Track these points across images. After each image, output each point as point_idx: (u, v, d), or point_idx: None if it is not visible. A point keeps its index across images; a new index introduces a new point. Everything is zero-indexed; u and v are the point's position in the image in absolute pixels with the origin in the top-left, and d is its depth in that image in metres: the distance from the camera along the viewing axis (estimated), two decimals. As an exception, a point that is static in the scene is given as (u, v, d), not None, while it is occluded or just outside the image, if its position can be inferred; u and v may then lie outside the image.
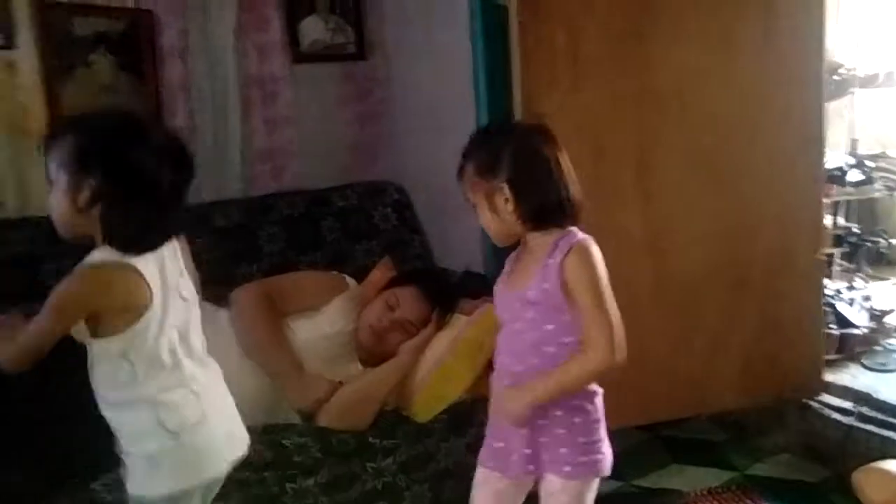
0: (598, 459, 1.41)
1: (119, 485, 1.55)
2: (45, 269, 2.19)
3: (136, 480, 1.27)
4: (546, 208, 1.34)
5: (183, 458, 1.27)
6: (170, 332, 1.26)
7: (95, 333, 1.21)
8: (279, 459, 1.74)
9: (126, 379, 1.23)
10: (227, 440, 1.36)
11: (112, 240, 1.19)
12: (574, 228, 1.38)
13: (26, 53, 2.29)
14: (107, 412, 1.27)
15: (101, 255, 1.20)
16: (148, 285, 1.21)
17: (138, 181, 1.18)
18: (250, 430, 1.76)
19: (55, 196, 1.20)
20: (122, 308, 1.20)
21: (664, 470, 2.26)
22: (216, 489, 1.40)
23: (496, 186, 1.33)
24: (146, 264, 1.22)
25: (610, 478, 2.19)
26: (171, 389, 1.26)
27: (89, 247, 1.24)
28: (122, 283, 1.20)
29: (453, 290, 2.21)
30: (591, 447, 1.40)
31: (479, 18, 2.44)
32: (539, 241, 1.36)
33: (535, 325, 1.35)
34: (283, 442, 1.76)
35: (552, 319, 1.34)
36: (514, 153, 1.34)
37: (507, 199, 1.33)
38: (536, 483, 1.45)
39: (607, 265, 2.02)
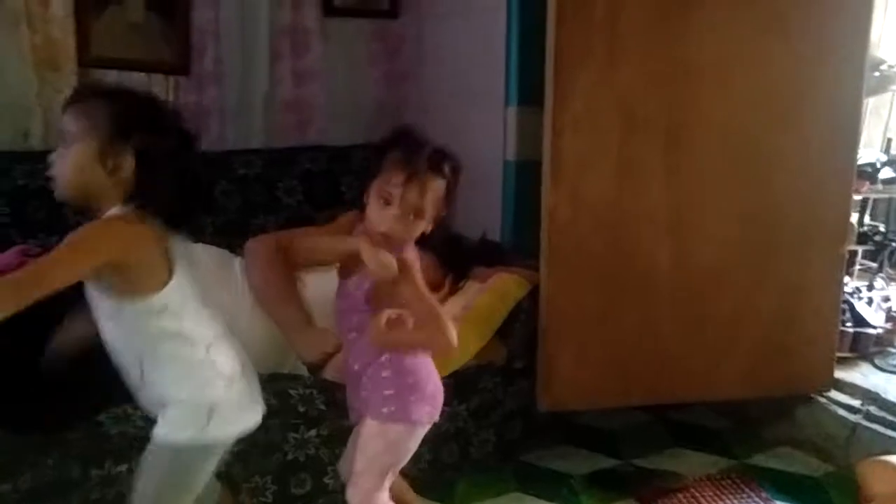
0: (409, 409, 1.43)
1: (125, 419, 1.59)
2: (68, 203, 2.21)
3: (173, 425, 1.25)
4: None
5: (232, 406, 1.29)
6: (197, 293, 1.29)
7: (135, 293, 1.20)
8: (284, 408, 1.75)
9: (176, 329, 1.24)
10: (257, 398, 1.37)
11: (146, 207, 1.19)
12: None
13: (59, -14, 2.28)
14: (157, 365, 1.26)
15: (121, 210, 1.20)
16: (165, 242, 1.23)
17: (172, 156, 1.21)
18: (259, 377, 1.79)
19: (75, 155, 1.18)
20: (147, 263, 1.20)
21: (664, 452, 2.26)
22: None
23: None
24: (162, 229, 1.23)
25: (608, 455, 2.23)
26: (218, 339, 1.30)
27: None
28: (143, 236, 1.19)
29: (468, 257, 2.20)
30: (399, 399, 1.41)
31: (516, -17, 2.39)
32: None
33: None
34: (289, 391, 1.77)
35: None
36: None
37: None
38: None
39: (627, 241, 2.03)
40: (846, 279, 2.34)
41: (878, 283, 2.58)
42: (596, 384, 2.07)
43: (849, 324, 2.38)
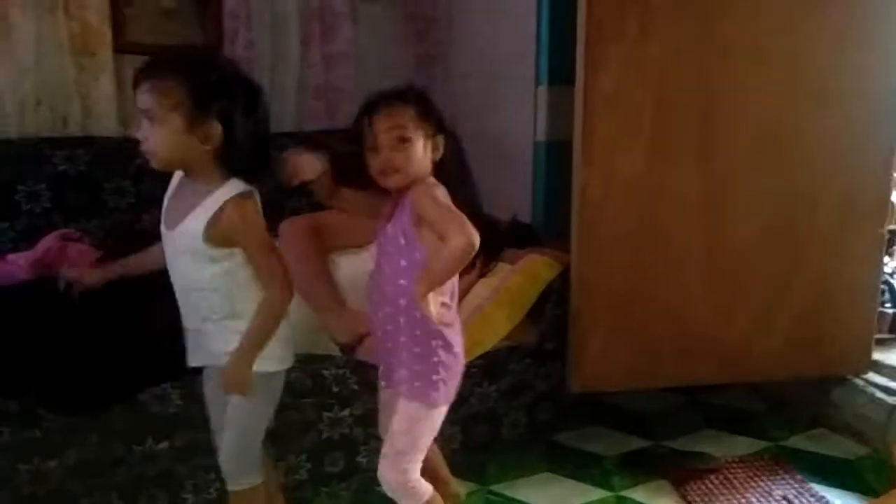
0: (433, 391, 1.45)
1: (164, 399, 1.64)
2: (107, 188, 2.26)
3: (271, 359, 1.41)
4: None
5: (290, 343, 1.47)
6: None
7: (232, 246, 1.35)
8: (318, 388, 1.78)
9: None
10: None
11: (236, 172, 1.33)
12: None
13: (95, -27, 2.32)
14: (239, 306, 1.38)
15: (239, 186, 1.33)
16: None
17: (250, 119, 1.31)
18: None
19: (166, 133, 1.27)
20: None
21: (697, 434, 2.25)
22: None
23: (434, 134, 1.44)
24: None
25: (640, 436, 2.23)
26: None
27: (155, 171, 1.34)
28: (258, 209, 1.37)
29: (499, 239, 2.20)
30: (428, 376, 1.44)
31: (547, -38, 2.36)
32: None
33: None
34: (323, 372, 1.80)
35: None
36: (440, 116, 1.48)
37: (435, 149, 1.45)
38: None
39: (660, 221, 2.02)
40: (886, 259, 2.29)
41: (920, 263, 2.52)
42: (628, 365, 2.06)
43: (888, 304, 2.33)
